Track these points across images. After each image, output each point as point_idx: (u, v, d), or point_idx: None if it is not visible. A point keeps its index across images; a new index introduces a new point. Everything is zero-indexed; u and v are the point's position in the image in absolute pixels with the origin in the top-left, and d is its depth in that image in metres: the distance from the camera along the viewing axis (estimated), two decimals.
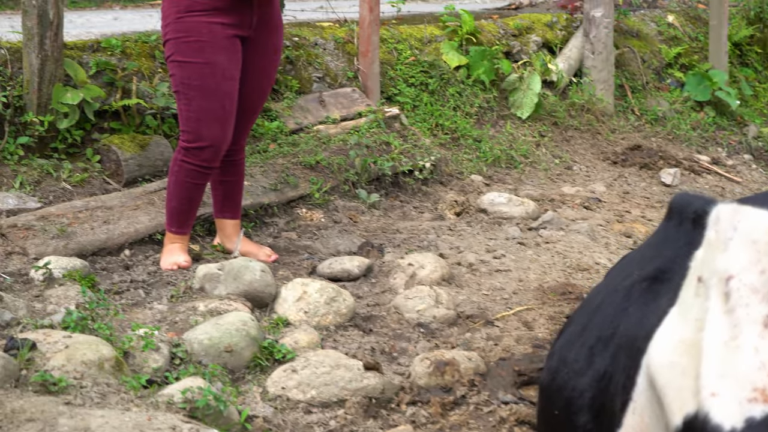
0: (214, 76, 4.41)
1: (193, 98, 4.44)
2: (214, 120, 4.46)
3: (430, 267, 4.79)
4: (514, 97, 7.69)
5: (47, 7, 5.16)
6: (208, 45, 4.38)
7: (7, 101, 5.23)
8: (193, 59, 4.40)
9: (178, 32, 4.41)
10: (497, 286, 4.89)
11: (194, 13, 4.37)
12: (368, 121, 6.43)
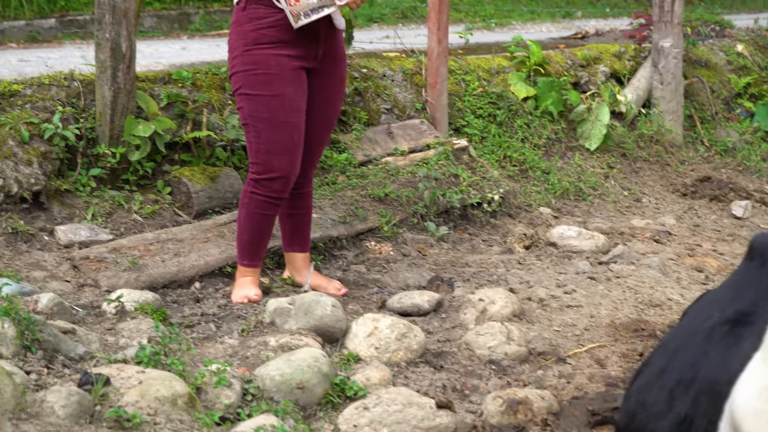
0: (283, 108, 4.43)
1: (262, 130, 4.46)
2: (283, 151, 4.47)
3: (500, 302, 4.74)
4: (582, 129, 7.63)
5: (120, 40, 5.21)
6: (275, 77, 4.40)
7: (80, 133, 5.28)
8: (261, 92, 4.42)
9: (246, 65, 4.43)
10: (568, 322, 4.83)
11: (262, 46, 4.40)
12: (437, 153, 6.41)
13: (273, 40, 4.40)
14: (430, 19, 6.75)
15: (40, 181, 5.06)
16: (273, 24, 4.39)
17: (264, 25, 4.40)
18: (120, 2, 5.16)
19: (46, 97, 5.37)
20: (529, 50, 7.66)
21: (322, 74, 4.61)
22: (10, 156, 5.04)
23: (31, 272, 4.62)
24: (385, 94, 6.79)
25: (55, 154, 5.19)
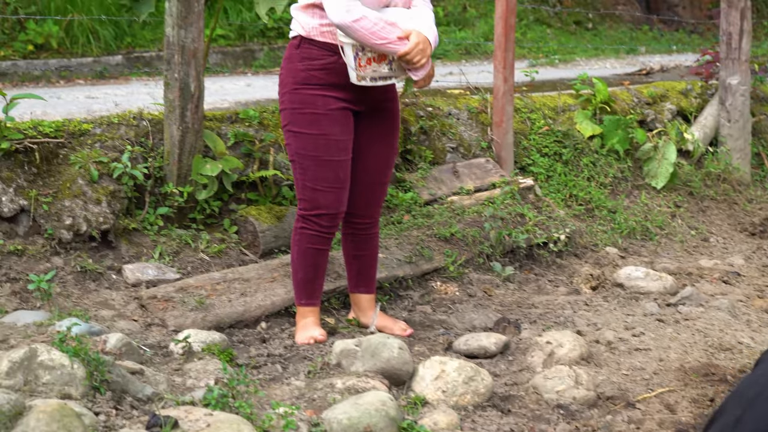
0: (328, 147, 4.43)
1: (308, 168, 4.46)
2: (329, 189, 4.48)
3: (568, 345, 4.69)
4: (648, 167, 7.57)
5: (189, 80, 5.25)
6: (322, 117, 4.40)
7: (148, 172, 5.32)
8: (307, 130, 4.43)
9: (294, 103, 4.44)
10: (637, 365, 4.76)
11: (310, 87, 4.40)
12: (502, 193, 6.38)
13: (322, 82, 4.40)
14: (496, 58, 6.74)
15: (108, 220, 5.10)
16: (324, 66, 4.39)
17: (315, 66, 4.40)
18: (189, 43, 5.19)
19: (115, 136, 5.42)
20: (595, 88, 7.61)
21: (372, 113, 4.60)
22: (79, 195, 5.09)
23: (99, 311, 4.65)
24: (450, 133, 6.78)
25: (123, 193, 5.23)
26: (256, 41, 11.51)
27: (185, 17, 5.15)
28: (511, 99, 6.81)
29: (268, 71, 10.52)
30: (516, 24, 6.94)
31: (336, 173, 4.48)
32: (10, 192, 4.98)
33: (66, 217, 5.01)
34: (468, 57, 12.60)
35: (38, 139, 5.16)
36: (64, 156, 5.23)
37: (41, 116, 6.13)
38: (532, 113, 7.35)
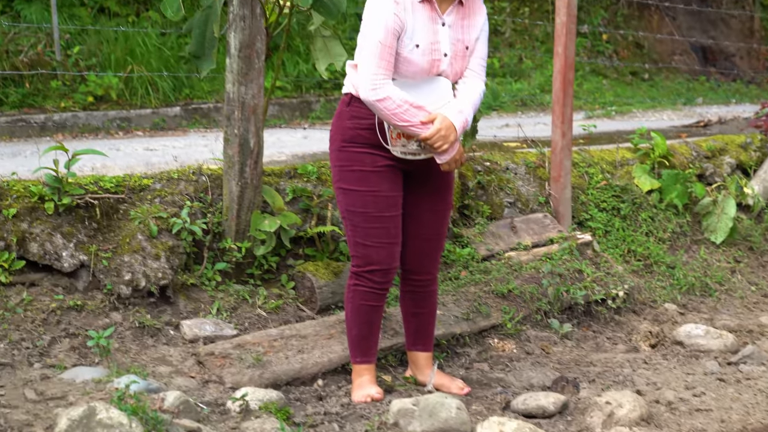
0: (377, 204, 4.40)
1: (358, 224, 4.44)
2: (381, 245, 4.45)
3: (628, 406, 4.62)
4: (707, 222, 7.49)
5: (248, 136, 5.27)
6: (370, 174, 4.39)
7: (206, 227, 5.34)
8: (356, 187, 4.41)
9: (342, 161, 4.44)
10: (698, 427, 4.68)
11: (357, 146, 4.40)
12: (560, 248, 6.34)
13: (369, 141, 4.39)
14: (554, 113, 6.72)
15: (167, 275, 5.12)
16: (371, 126, 4.37)
17: (363, 125, 4.38)
18: (249, 99, 5.23)
19: (175, 191, 5.45)
20: (653, 142, 7.57)
21: (422, 170, 4.55)
22: (138, 250, 5.12)
23: (156, 367, 4.65)
24: (508, 188, 6.76)
25: (182, 249, 5.25)
26: (312, 93, 11.58)
27: (246, 74, 5.19)
28: (569, 154, 6.78)
29: (325, 123, 10.57)
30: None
31: (386, 229, 4.46)
32: (71, 247, 5.02)
33: (125, 272, 5.04)
34: (524, 108, 12.59)
35: (99, 195, 5.21)
36: (124, 211, 5.27)
37: (101, 168, 6.20)
38: (590, 168, 7.31)
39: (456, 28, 4.37)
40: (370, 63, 4.20)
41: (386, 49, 4.20)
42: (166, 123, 10.07)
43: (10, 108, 9.64)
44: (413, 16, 4.24)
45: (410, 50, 4.25)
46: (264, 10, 5.21)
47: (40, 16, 10.87)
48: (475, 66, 4.47)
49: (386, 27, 4.19)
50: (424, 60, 4.28)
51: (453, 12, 4.36)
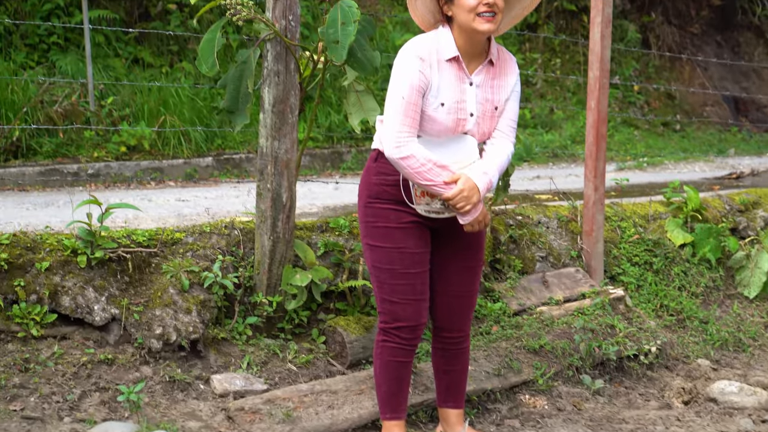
0: (403, 261, 4.37)
1: (385, 281, 4.41)
2: (408, 301, 4.41)
3: None
4: (741, 276, 7.44)
5: (281, 190, 5.29)
6: (395, 231, 4.36)
7: (238, 282, 5.35)
8: (382, 244, 4.38)
9: (368, 216, 4.42)
10: None
11: (383, 202, 4.37)
12: (592, 303, 6.30)
13: (394, 198, 4.37)
14: (587, 167, 6.70)
15: (198, 330, 5.12)
16: (396, 183, 4.34)
17: (389, 182, 4.37)
18: (282, 154, 5.24)
19: (207, 245, 5.46)
20: (686, 196, 7.53)
21: (449, 226, 4.51)
22: (170, 304, 5.12)
23: (186, 422, 4.64)
24: (540, 242, 6.73)
25: (213, 303, 5.25)
26: (344, 143, 11.61)
27: (279, 129, 5.21)
28: (602, 208, 6.75)
29: (356, 173, 10.59)
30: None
31: (413, 286, 4.42)
32: (103, 301, 5.03)
33: (156, 326, 5.04)
34: (555, 160, 12.59)
35: (131, 248, 5.22)
36: (156, 265, 5.28)
37: (133, 220, 6.22)
38: (622, 221, 7.28)
39: (485, 87, 4.35)
40: (395, 120, 4.19)
41: (411, 106, 4.19)
42: (197, 173, 10.11)
43: (44, 158, 9.71)
44: (439, 74, 4.23)
45: (435, 108, 4.23)
46: (298, 66, 5.24)
47: (75, 67, 10.98)
48: (504, 127, 4.44)
49: (411, 84, 4.18)
50: (449, 119, 4.27)
51: (482, 71, 4.34)
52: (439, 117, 4.24)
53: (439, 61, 4.23)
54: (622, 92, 15.85)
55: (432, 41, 4.25)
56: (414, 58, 4.19)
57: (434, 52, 4.22)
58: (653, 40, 16.99)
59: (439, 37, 4.27)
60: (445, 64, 4.24)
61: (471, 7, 4.14)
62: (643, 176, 10.94)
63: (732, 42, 18.39)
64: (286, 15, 5.14)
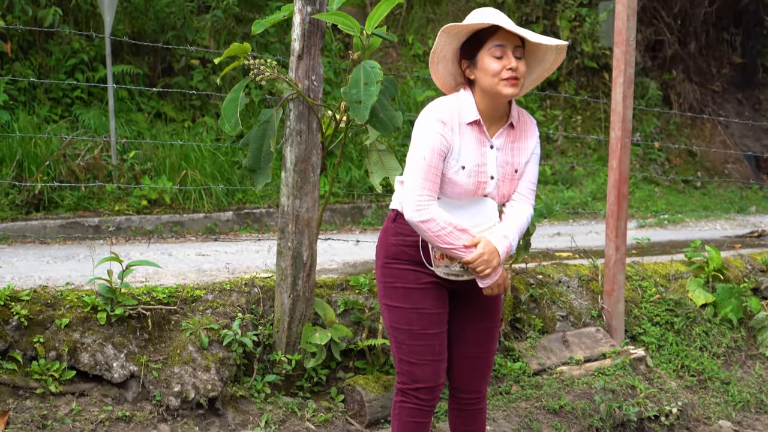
0: (421, 321, 4.34)
1: (403, 341, 4.37)
2: (426, 362, 4.37)
3: None
4: (763, 336, 7.38)
5: (302, 249, 5.29)
6: (414, 291, 4.33)
7: (257, 339, 5.34)
8: (400, 304, 4.35)
9: (386, 277, 4.39)
10: None
11: (401, 263, 4.35)
12: (613, 364, 6.27)
13: (413, 258, 4.34)
14: (608, 226, 6.69)
15: (216, 387, 5.10)
16: (415, 244, 4.32)
17: (408, 243, 4.34)
18: (303, 212, 5.25)
19: (227, 302, 5.46)
20: (708, 255, 7.50)
21: (468, 287, 4.47)
22: (189, 361, 5.11)
23: None
24: (560, 301, 6.71)
25: (232, 360, 5.24)
26: (364, 199, 11.63)
27: (301, 187, 5.22)
28: (623, 268, 6.73)
29: (376, 229, 10.59)
30: None
31: (431, 347, 4.39)
32: (122, 358, 5.03)
33: (175, 383, 5.03)
34: (576, 216, 12.57)
35: (151, 306, 5.23)
36: (176, 322, 5.28)
37: (153, 274, 6.23)
38: (643, 281, 7.25)
39: (505, 150, 4.34)
40: (415, 183, 4.19)
41: (432, 169, 4.19)
42: (218, 227, 10.14)
43: (65, 211, 9.76)
44: (461, 138, 4.23)
45: (455, 171, 4.23)
46: (320, 125, 5.26)
47: (97, 121, 11.06)
48: (524, 189, 4.43)
49: (432, 147, 4.18)
50: (469, 182, 4.26)
51: (503, 135, 4.34)
52: (459, 180, 4.23)
53: (461, 124, 4.23)
54: (643, 149, 15.85)
55: (453, 104, 4.25)
56: (436, 122, 4.20)
57: (456, 116, 4.23)
58: (674, 98, 17.03)
59: (461, 100, 4.27)
60: (466, 127, 4.24)
61: (495, 71, 4.15)
62: (664, 234, 10.91)
63: (753, 100, 18.41)
64: (309, 75, 5.17)
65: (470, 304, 4.48)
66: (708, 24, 17.77)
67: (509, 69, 4.14)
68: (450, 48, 4.28)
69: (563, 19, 15.71)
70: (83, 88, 11.46)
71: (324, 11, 5.20)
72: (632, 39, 6.57)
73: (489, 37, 4.19)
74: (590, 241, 8.93)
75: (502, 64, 4.15)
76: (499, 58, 4.16)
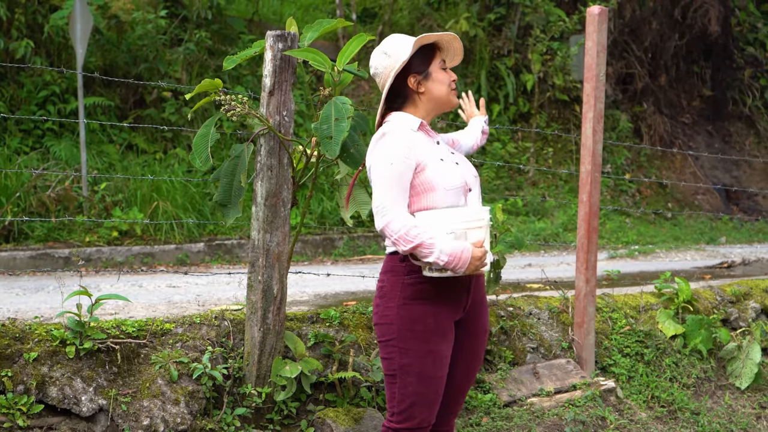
0: (434, 364, 4.32)
1: (410, 384, 4.32)
2: (426, 404, 4.34)
3: None
4: (732, 367, 7.42)
5: (272, 282, 5.29)
6: (432, 334, 4.30)
7: (227, 373, 5.33)
8: (416, 347, 4.29)
9: (404, 319, 4.31)
10: None
11: (421, 301, 4.31)
12: (583, 395, 6.28)
13: (431, 294, 4.31)
14: (578, 259, 6.72)
15: (186, 421, 5.09)
16: (431, 278, 4.33)
17: (424, 279, 4.33)
18: (274, 246, 5.25)
19: (196, 336, 5.45)
20: (678, 287, 7.54)
21: (467, 324, 4.47)
22: (158, 395, 5.10)
23: None
24: (531, 333, 6.72)
25: (202, 394, 5.22)
26: (336, 230, 11.65)
27: (271, 222, 5.23)
28: (593, 300, 6.76)
29: (347, 260, 10.61)
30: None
31: (436, 389, 4.36)
32: (90, 391, 5.00)
33: (144, 417, 5.01)
34: (547, 248, 12.62)
35: (121, 339, 5.21)
36: (146, 355, 5.26)
37: (123, 306, 6.21)
38: (613, 312, 7.28)
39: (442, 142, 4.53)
40: (380, 192, 4.23)
41: (397, 180, 4.24)
42: (189, 259, 10.13)
43: (36, 242, 9.73)
44: (417, 141, 4.31)
45: (437, 165, 4.26)
46: (291, 160, 5.27)
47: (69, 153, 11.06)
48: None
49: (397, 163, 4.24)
50: (454, 170, 4.31)
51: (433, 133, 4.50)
52: (445, 171, 4.27)
53: (413, 132, 4.34)
54: (614, 181, 15.95)
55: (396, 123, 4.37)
56: (399, 138, 4.27)
57: (406, 128, 4.33)
58: (645, 130, 17.17)
59: (400, 118, 4.39)
60: (416, 133, 4.33)
61: (448, 81, 4.43)
62: (634, 265, 10.96)
63: (723, 132, 18.57)
64: (280, 111, 5.19)
65: (462, 345, 4.48)
66: (678, 57, 17.95)
67: (453, 81, 4.47)
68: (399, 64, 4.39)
69: (535, 52, 15.83)
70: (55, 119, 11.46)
71: (295, 47, 5.22)
72: (602, 75, 6.63)
73: (437, 52, 4.45)
74: (561, 272, 8.96)
75: (449, 76, 4.45)
76: (444, 70, 4.44)
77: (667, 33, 17.45)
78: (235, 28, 14.47)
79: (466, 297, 4.41)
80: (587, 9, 6.68)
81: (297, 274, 6.48)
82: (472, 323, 4.48)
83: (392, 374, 4.36)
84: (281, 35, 5.21)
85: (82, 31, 10.70)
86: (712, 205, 16.93)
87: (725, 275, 9.45)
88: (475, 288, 4.46)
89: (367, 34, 5.17)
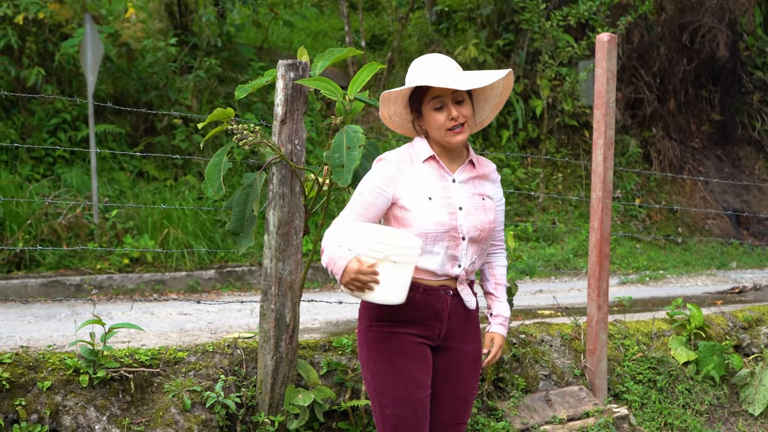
0: (406, 385, 4.30)
1: (386, 405, 4.33)
2: (408, 427, 4.32)
3: None
4: (745, 393, 7.40)
5: (285, 311, 5.28)
6: (397, 355, 4.29)
7: (240, 401, 5.32)
8: (384, 368, 4.31)
9: (369, 341, 4.35)
10: None
11: (383, 324, 4.32)
12: (596, 422, 6.26)
13: (394, 318, 4.30)
14: (590, 286, 6.71)
15: None
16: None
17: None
18: (286, 275, 5.25)
19: (209, 364, 5.45)
20: (690, 313, 7.53)
21: (448, 351, 4.45)
22: (171, 424, 5.10)
23: None
24: (543, 360, 6.71)
25: (215, 422, 5.22)
26: None
27: (283, 250, 5.23)
28: (605, 327, 6.74)
29: None
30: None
31: (414, 411, 4.34)
32: (104, 420, 5.01)
33: None
34: (558, 273, 12.61)
35: (134, 368, 5.22)
36: (159, 384, 5.26)
37: (135, 334, 6.22)
38: (625, 339, 7.27)
39: (469, 183, 4.39)
40: (344, 213, 4.29)
41: (363, 204, 4.26)
42: (200, 286, 10.13)
43: (47, 269, 9.75)
44: (414, 171, 4.27)
45: (422, 202, 4.23)
46: (303, 188, 5.28)
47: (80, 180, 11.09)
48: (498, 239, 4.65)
49: (370, 184, 4.26)
50: (440, 212, 4.22)
51: (465, 170, 4.39)
52: (430, 210, 4.24)
53: (414, 162, 4.30)
54: (624, 206, 15.94)
55: (405, 148, 4.36)
56: (379, 161, 4.32)
57: (406, 157, 4.31)
58: (654, 155, 17.17)
59: (414, 145, 4.37)
60: (422, 164, 4.30)
61: (440, 124, 4.25)
62: (645, 291, 10.94)
63: (732, 156, 18.58)
64: (291, 139, 5.21)
65: (451, 369, 4.46)
66: (687, 82, 17.96)
67: (451, 119, 4.25)
68: (400, 105, 4.38)
69: (543, 78, 15.87)
70: (66, 147, 11.50)
71: (307, 76, 5.24)
72: (612, 101, 6.63)
73: (426, 91, 4.29)
74: (572, 298, 8.95)
75: (444, 115, 4.25)
76: (439, 109, 4.26)
77: (675, 58, 17.48)
78: (245, 56, 14.53)
79: (439, 325, 4.38)
80: (596, 36, 6.70)
81: (309, 301, 6.48)
82: (455, 351, 4.43)
83: (371, 398, 4.40)
84: (293, 64, 5.23)
85: (93, 58, 10.75)
86: (723, 229, 16.91)
87: (737, 300, 9.43)
88: (454, 318, 4.42)
89: (377, 62, 5.18)
